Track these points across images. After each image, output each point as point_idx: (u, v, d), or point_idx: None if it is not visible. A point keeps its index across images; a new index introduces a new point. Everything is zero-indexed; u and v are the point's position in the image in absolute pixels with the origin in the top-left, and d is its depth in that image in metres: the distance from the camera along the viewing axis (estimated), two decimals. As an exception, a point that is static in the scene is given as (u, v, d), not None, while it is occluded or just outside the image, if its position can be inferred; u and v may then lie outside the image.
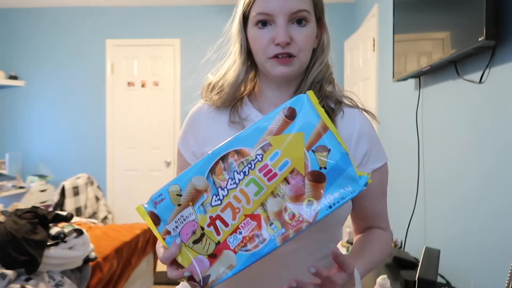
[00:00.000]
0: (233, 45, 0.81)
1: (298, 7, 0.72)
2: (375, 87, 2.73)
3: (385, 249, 0.82)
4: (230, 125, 0.80)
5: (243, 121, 0.80)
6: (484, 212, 1.29)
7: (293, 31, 0.73)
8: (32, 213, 1.76)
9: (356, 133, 0.76)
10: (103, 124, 4.09)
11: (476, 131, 1.34)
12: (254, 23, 0.75)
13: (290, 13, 0.72)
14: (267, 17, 0.73)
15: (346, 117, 0.77)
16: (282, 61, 0.73)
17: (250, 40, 0.77)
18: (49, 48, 4.10)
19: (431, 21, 1.58)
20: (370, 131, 0.78)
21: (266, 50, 0.74)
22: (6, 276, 1.52)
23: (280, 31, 0.71)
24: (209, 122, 0.83)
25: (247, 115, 0.81)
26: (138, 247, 2.56)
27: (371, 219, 0.83)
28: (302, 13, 0.73)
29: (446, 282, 1.42)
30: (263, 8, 0.72)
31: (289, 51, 0.73)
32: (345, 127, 0.76)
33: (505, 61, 1.17)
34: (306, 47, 0.75)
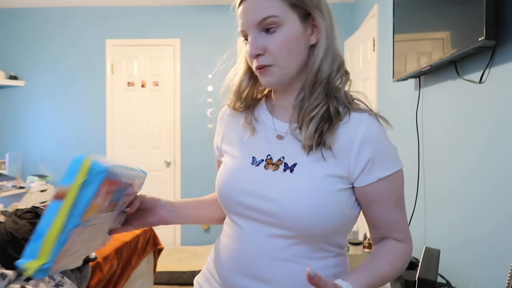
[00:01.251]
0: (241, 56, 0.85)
1: (262, 15, 0.72)
2: (375, 87, 2.73)
3: (399, 261, 0.78)
4: (243, 126, 0.84)
5: (255, 123, 0.83)
6: (484, 212, 1.29)
7: (265, 40, 0.73)
8: (32, 213, 1.76)
9: (359, 139, 0.73)
10: (103, 124, 4.09)
11: (476, 131, 1.34)
12: (243, 39, 0.78)
13: (257, 24, 0.73)
14: (244, 32, 0.76)
15: (350, 122, 0.75)
16: (261, 72, 0.75)
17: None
18: (49, 48, 4.10)
19: (431, 21, 1.58)
20: (377, 137, 0.74)
21: (252, 63, 0.77)
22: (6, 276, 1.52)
23: (250, 45, 0.74)
24: (229, 124, 0.89)
25: (260, 117, 0.84)
26: (138, 247, 2.56)
27: (384, 229, 0.80)
28: (268, 20, 0.72)
29: (446, 282, 1.42)
30: (240, 26, 0.76)
31: (262, 62, 0.74)
32: (347, 133, 0.74)
33: (505, 61, 1.17)
34: (282, 53, 0.73)
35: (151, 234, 2.81)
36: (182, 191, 4.04)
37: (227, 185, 0.80)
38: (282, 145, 0.79)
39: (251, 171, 0.78)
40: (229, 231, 0.84)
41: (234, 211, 0.81)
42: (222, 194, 0.81)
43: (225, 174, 0.82)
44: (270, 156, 0.78)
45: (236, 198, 0.78)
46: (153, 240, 2.84)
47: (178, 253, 3.68)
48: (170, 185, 4.07)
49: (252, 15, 0.73)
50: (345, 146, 0.73)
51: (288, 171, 0.75)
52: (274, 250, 0.75)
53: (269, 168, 0.77)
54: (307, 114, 0.75)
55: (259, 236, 0.77)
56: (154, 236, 2.86)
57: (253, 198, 0.76)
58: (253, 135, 0.83)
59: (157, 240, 2.88)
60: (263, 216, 0.76)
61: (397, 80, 1.95)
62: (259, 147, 0.81)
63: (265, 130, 0.82)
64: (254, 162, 0.79)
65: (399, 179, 0.77)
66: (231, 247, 0.81)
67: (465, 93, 1.43)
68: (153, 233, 2.85)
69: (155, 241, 2.86)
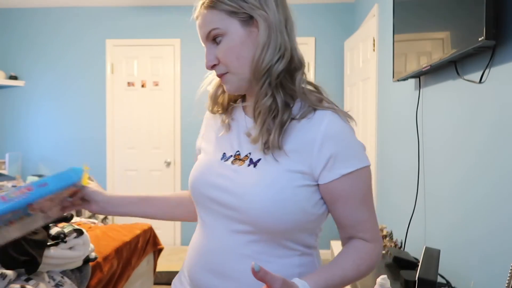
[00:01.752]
0: None
1: (207, 30, 0.78)
2: (375, 87, 2.74)
3: (364, 261, 0.76)
4: (221, 125, 0.88)
5: (230, 120, 0.87)
6: (484, 212, 1.29)
7: (215, 51, 0.78)
8: (32, 213, 1.76)
9: (321, 136, 0.73)
10: (103, 124, 4.09)
11: (476, 131, 1.34)
12: None
13: (205, 38, 0.79)
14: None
15: (313, 119, 0.75)
16: (221, 81, 0.83)
17: None
18: (49, 48, 4.10)
19: (431, 21, 1.58)
20: (340, 133, 0.74)
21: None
22: (6, 276, 1.52)
23: (205, 57, 0.80)
24: (210, 123, 0.94)
25: (235, 116, 0.88)
26: (138, 247, 2.56)
27: (351, 228, 0.79)
28: (212, 33, 0.77)
29: (446, 282, 1.42)
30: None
31: (218, 72, 0.80)
32: (310, 130, 0.75)
33: (505, 61, 1.17)
34: (230, 59, 0.77)
35: (151, 234, 2.81)
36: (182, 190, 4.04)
37: (197, 179, 0.84)
38: (249, 142, 0.81)
39: (219, 166, 0.81)
40: (198, 228, 0.87)
41: (202, 206, 0.84)
42: (192, 188, 0.85)
43: (196, 169, 0.86)
44: (239, 152, 0.82)
45: (204, 192, 0.82)
46: (153, 240, 2.84)
47: (178, 253, 3.68)
48: (170, 185, 4.07)
49: (201, 31, 0.80)
50: (308, 143, 0.74)
51: (252, 166, 0.77)
52: (237, 246, 0.77)
53: (236, 163, 0.80)
54: (257, 109, 0.77)
55: (223, 231, 0.78)
56: (154, 236, 2.85)
57: (218, 192, 0.79)
58: (227, 133, 0.86)
59: (157, 240, 2.88)
60: (226, 210, 0.77)
61: (397, 80, 1.95)
62: (230, 144, 0.84)
63: (238, 127, 0.85)
64: (224, 157, 0.83)
65: (364, 177, 0.76)
66: (198, 243, 0.84)
67: (465, 93, 1.43)
68: (153, 233, 2.85)
69: (155, 241, 2.86)
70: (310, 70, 3.96)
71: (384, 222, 2.47)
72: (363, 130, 3.08)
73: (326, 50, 3.93)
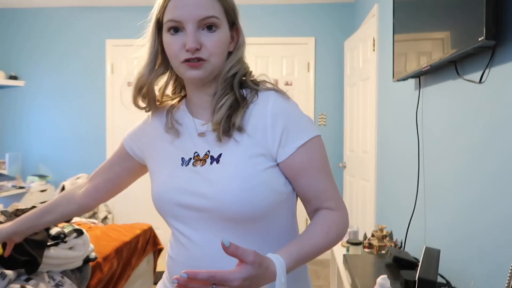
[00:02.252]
0: (145, 48, 0.86)
1: (206, 13, 0.75)
2: (375, 87, 2.74)
3: (332, 229, 0.78)
4: (166, 131, 0.86)
5: (177, 126, 0.85)
6: (484, 212, 1.29)
7: (203, 37, 0.76)
8: (32, 213, 1.76)
9: (270, 114, 0.77)
10: (103, 124, 4.09)
11: (476, 131, 1.34)
12: (167, 29, 0.78)
13: (199, 20, 0.75)
14: (178, 24, 0.76)
15: (259, 102, 0.79)
16: (193, 65, 0.76)
17: (165, 45, 0.80)
18: (49, 48, 4.10)
19: (431, 21, 1.58)
20: (285, 109, 0.78)
21: (178, 55, 0.77)
22: (6, 276, 1.52)
23: (189, 38, 0.75)
24: (152, 130, 0.91)
25: (181, 120, 0.86)
26: (138, 247, 2.56)
27: (315, 200, 0.81)
28: (210, 19, 0.76)
29: (446, 282, 1.42)
30: (174, 15, 0.75)
31: (198, 55, 0.76)
32: (258, 111, 0.78)
33: (505, 61, 1.17)
34: (217, 52, 0.77)
35: (151, 234, 2.81)
36: (182, 191, 4.05)
37: (162, 190, 0.82)
38: (205, 141, 0.81)
39: (181, 172, 0.80)
40: (174, 240, 0.85)
41: (174, 215, 0.81)
42: (158, 201, 0.83)
43: (157, 181, 0.84)
44: (197, 153, 0.81)
45: (173, 200, 0.80)
46: (153, 240, 2.84)
47: (178, 253, 3.67)
48: (170, 185, 4.07)
49: (196, 10, 0.74)
50: (260, 125, 0.77)
51: (214, 162, 0.78)
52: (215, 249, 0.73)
53: (197, 164, 0.80)
54: (215, 106, 0.80)
55: (204, 234, 0.78)
56: (154, 236, 2.86)
57: (188, 197, 0.78)
58: (178, 138, 0.85)
59: (157, 240, 2.88)
60: (201, 212, 0.77)
61: (397, 80, 1.95)
62: (185, 148, 0.83)
63: (188, 130, 0.85)
64: (183, 162, 0.82)
65: (317, 146, 0.79)
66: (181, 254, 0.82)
67: (465, 93, 1.43)
68: (153, 233, 2.85)
69: (155, 241, 2.87)
70: (310, 70, 3.96)
71: (384, 222, 2.47)
72: (363, 130, 3.08)
73: (326, 50, 3.94)
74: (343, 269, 1.82)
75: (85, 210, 1.04)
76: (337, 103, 3.86)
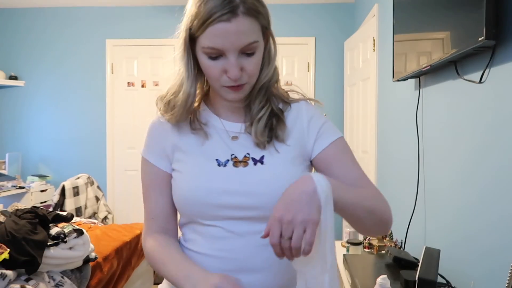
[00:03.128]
0: (181, 64, 0.82)
1: (248, 41, 0.73)
2: (375, 87, 2.74)
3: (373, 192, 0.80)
4: (193, 132, 0.86)
5: (204, 127, 0.85)
6: (484, 212, 1.29)
7: (243, 62, 0.75)
8: (32, 213, 1.76)
9: (306, 119, 0.85)
10: (103, 124, 4.09)
11: (476, 131, 1.34)
12: (205, 54, 0.75)
13: (242, 48, 0.73)
14: (217, 51, 0.73)
15: (293, 110, 0.87)
16: (235, 89, 0.78)
17: (201, 64, 0.78)
18: (48, 48, 4.10)
19: (431, 21, 1.58)
20: (316, 114, 0.87)
21: (219, 79, 0.77)
22: (6, 276, 1.52)
23: (232, 68, 0.74)
24: (175, 134, 0.87)
25: (208, 121, 0.86)
26: (138, 247, 2.56)
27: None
28: (253, 45, 0.74)
29: (446, 282, 1.42)
30: (214, 44, 0.72)
31: (241, 82, 0.77)
32: (295, 117, 0.86)
33: (505, 61, 1.17)
34: (256, 72, 0.79)
35: (151, 234, 2.81)
36: (182, 191, 4.04)
37: (198, 190, 0.79)
38: (240, 144, 0.83)
39: (220, 173, 0.80)
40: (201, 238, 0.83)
41: (208, 216, 0.80)
42: (192, 201, 0.80)
43: (190, 181, 0.81)
44: (234, 155, 0.82)
45: (212, 201, 0.78)
46: (153, 240, 2.83)
47: (178, 253, 3.68)
48: (170, 185, 4.07)
49: (238, 39, 0.72)
50: (297, 130, 0.85)
51: (258, 163, 0.80)
52: (256, 240, 0.77)
53: (239, 165, 0.81)
54: (254, 116, 0.83)
55: (240, 231, 0.79)
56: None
57: (232, 197, 0.78)
58: (208, 139, 0.84)
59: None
60: (241, 211, 0.78)
61: (397, 80, 1.95)
62: (217, 149, 0.83)
63: (217, 132, 0.85)
64: (220, 164, 0.81)
65: (346, 144, 0.87)
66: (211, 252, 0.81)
67: (465, 93, 1.43)
68: (153, 233, 2.85)
69: (155, 241, 2.86)
70: (310, 70, 3.96)
71: (384, 222, 2.46)
72: (363, 130, 3.08)
73: (326, 50, 3.94)
74: (343, 269, 1.82)
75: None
76: (337, 103, 3.86)
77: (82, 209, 3.50)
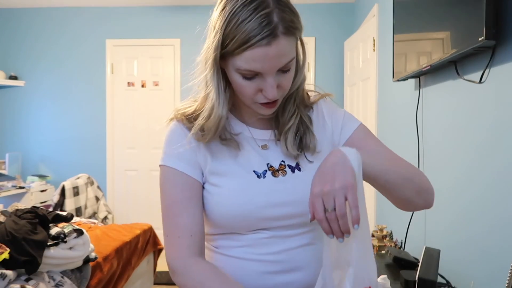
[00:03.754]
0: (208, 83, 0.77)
1: (286, 61, 0.70)
2: (375, 87, 2.74)
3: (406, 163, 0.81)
4: (223, 143, 0.81)
5: (234, 137, 0.81)
6: (484, 212, 1.29)
7: (279, 79, 0.72)
8: (32, 213, 1.76)
9: (328, 117, 0.87)
10: (103, 124, 4.09)
11: (476, 131, 1.34)
12: (237, 73, 0.71)
13: (280, 68, 0.71)
14: (254, 73, 0.70)
15: (315, 111, 0.88)
16: (269, 106, 0.76)
17: (232, 82, 0.74)
18: (49, 48, 4.10)
19: (431, 21, 1.58)
20: (334, 108, 0.89)
21: (253, 97, 0.74)
22: (6, 276, 1.52)
23: (270, 89, 0.71)
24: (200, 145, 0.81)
25: (237, 131, 0.83)
26: (138, 247, 2.56)
27: None
28: (290, 62, 0.72)
29: (446, 282, 1.42)
30: (253, 67, 0.69)
31: (277, 98, 0.74)
32: (318, 117, 0.87)
33: (505, 61, 1.17)
34: (289, 86, 0.77)
35: (151, 234, 2.81)
36: (182, 191, 4.04)
37: (242, 206, 0.76)
38: (271, 152, 0.82)
39: (261, 184, 0.78)
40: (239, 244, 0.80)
41: (250, 228, 0.79)
42: (235, 217, 0.77)
43: (232, 197, 0.77)
44: (270, 164, 0.81)
45: (257, 215, 0.77)
46: (153, 240, 2.84)
47: (178, 253, 3.67)
48: (170, 185, 4.07)
49: (278, 60, 0.69)
50: (323, 131, 0.86)
51: (296, 170, 0.80)
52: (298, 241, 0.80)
53: (278, 174, 0.79)
54: (283, 126, 0.82)
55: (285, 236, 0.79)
56: (154, 236, 2.85)
57: (277, 208, 0.77)
58: (240, 150, 0.81)
59: (157, 240, 2.88)
60: (290, 220, 0.78)
61: (397, 80, 1.95)
62: (253, 160, 0.80)
63: (247, 142, 0.83)
64: (258, 175, 0.79)
65: (367, 129, 0.88)
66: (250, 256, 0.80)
67: (465, 93, 1.43)
68: (153, 233, 2.85)
69: (155, 241, 2.86)
70: (310, 70, 3.96)
71: (384, 222, 2.47)
72: (363, 130, 3.08)
73: (326, 50, 3.94)
74: (343, 269, 1.81)
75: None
76: (337, 103, 3.82)
77: (82, 209, 3.50)
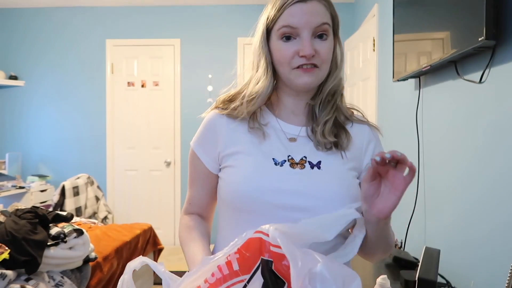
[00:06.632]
0: (257, 58, 0.86)
1: (321, 20, 0.78)
2: (375, 87, 2.74)
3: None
4: (250, 131, 0.86)
5: (263, 127, 0.86)
6: (484, 212, 1.29)
7: (316, 44, 0.79)
8: (32, 213, 1.76)
9: (366, 140, 0.88)
10: (103, 124, 4.09)
11: (476, 131, 1.35)
12: (279, 37, 0.81)
13: (315, 27, 0.78)
14: (292, 30, 0.79)
15: (355, 127, 0.89)
16: (307, 70, 0.80)
17: (274, 52, 0.83)
18: (49, 48, 4.10)
19: (431, 21, 1.58)
20: (377, 140, 0.91)
21: (291, 61, 0.80)
22: (6, 276, 1.52)
23: (306, 44, 0.78)
24: (230, 132, 0.87)
25: (267, 122, 0.87)
26: (138, 247, 2.57)
27: None
28: (324, 26, 0.79)
29: (446, 282, 1.42)
30: (290, 22, 0.78)
31: (315, 62, 0.79)
32: (357, 136, 0.88)
33: (505, 61, 1.17)
34: (328, 59, 0.81)
35: (151, 234, 2.81)
36: (182, 191, 4.05)
37: (253, 185, 0.79)
38: (297, 146, 0.84)
39: (277, 171, 0.81)
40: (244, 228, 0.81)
41: (258, 212, 0.79)
42: (246, 196, 0.79)
43: (246, 176, 0.80)
44: (291, 156, 0.83)
45: (267, 199, 0.78)
46: (153, 240, 2.84)
47: (178, 253, 3.68)
48: (170, 185, 4.07)
49: (312, 17, 0.78)
50: (356, 145, 0.87)
51: (315, 168, 0.82)
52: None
53: (296, 167, 0.82)
54: (321, 119, 0.85)
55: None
56: (154, 236, 2.86)
57: (288, 197, 0.78)
58: (265, 139, 0.85)
59: (157, 240, 2.88)
60: (295, 212, 0.77)
61: (397, 80, 1.95)
62: (274, 149, 0.83)
63: (275, 133, 0.86)
64: (276, 163, 0.82)
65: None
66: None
67: (465, 93, 1.43)
68: (153, 233, 2.85)
69: (155, 241, 2.87)
70: (310, 70, 3.96)
71: (384, 222, 2.47)
72: (363, 130, 3.08)
73: (326, 50, 3.93)
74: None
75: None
76: (337, 103, 3.86)
77: (82, 209, 3.50)
